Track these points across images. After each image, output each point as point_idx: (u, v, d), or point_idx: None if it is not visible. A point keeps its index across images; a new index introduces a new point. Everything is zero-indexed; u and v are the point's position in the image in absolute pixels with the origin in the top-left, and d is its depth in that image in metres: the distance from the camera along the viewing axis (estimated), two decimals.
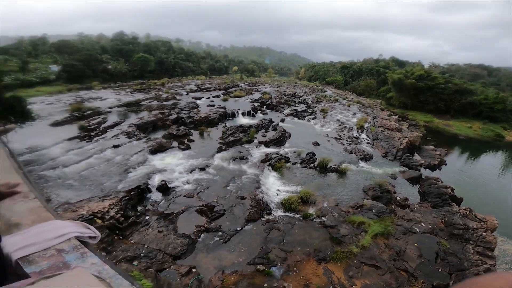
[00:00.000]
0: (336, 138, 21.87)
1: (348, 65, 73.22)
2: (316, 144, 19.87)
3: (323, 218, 10.51)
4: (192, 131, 19.70)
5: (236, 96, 34.53)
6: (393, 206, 12.16)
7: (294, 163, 15.74)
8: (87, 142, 16.38)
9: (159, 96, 32.41)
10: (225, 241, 8.96)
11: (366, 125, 26.32)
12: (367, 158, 18.11)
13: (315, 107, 33.12)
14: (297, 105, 33.81)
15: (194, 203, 10.90)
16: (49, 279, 0.80)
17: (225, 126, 21.75)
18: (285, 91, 43.82)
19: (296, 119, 27.46)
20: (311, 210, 11.05)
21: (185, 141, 17.72)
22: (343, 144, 20.55)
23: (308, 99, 38.41)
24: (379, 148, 20.65)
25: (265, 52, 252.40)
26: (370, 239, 9.29)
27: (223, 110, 25.38)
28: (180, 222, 9.73)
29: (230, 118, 24.83)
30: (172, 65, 65.22)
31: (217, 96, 34.58)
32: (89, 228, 1.19)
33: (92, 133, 17.78)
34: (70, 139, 16.44)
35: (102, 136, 17.61)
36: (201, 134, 19.47)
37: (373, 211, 11.25)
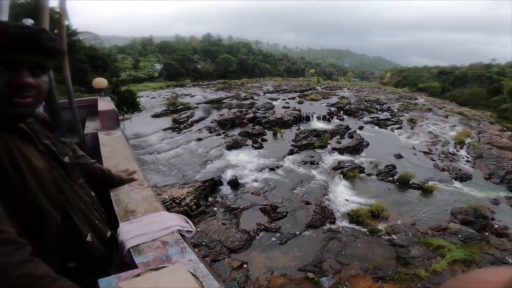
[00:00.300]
0: (425, 152, 19.08)
1: (448, 70, 62.55)
2: (399, 156, 17.77)
3: (393, 235, 9.64)
4: (266, 131, 20.19)
5: (312, 99, 33.74)
6: (486, 234, 10.40)
7: (369, 174, 14.59)
8: (177, 133, 18.74)
9: (239, 95, 34.42)
10: (282, 243, 8.94)
11: (467, 140, 22.05)
12: (463, 178, 15.29)
13: (402, 115, 29.55)
14: (379, 112, 30.81)
15: (259, 201, 11.18)
16: (153, 272, 0.81)
17: (299, 129, 21.55)
18: (366, 96, 40.54)
19: (377, 127, 25.06)
20: (381, 226, 10.25)
21: (259, 140, 18.31)
22: (434, 160, 17.79)
23: (394, 106, 34.54)
24: (481, 168, 17.12)
25: (345, 55, 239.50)
26: (445, 264, 8.09)
27: (297, 112, 25.16)
28: (243, 218, 10.12)
29: (305, 121, 24.44)
30: (251, 66, 68.48)
31: (293, 98, 34.47)
32: (188, 222, 1.18)
33: (182, 126, 20.20)
34: (165, 129, 19.14)
35: (189, 129, 19.81)
36: (275, 135, 19.79)
37: (459, 236, 9.83)
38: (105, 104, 3.80)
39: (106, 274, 0.90)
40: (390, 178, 14.25)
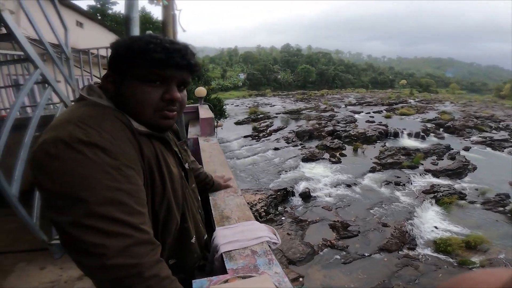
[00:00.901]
0: None
1: None
2: None
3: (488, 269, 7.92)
4: (345, 145, 19.13)
5: (402, 114, 30.19)
6: None
7: (472, 202, 12.85)
8: (256, 141, 19.70)
9: (318, 106, 33.81)
10: (346, 263, 8.50)
11: None
12: None
13: None
14: (493, 131, 25.21)
15: (330, 216, 10.84)
16: (241, 280, 0.81)
17: (384, 145, 19.53)
18: (475, 112, 33.80)
19: (489, 149, 20.72)
20: (476, 258, 9.19)
21: (337, 154, 17.43)
22: None
23: None
24: None
25: (446, 64, 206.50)
26: None
27: (384, 127, 22.88)
28: (309, 231, 9.94)
29: (392, 137, 22.02)
30: (332, 77, 66.46)
31: (379, 112, 31.64)
32: (275, 234, 1.16)
33: (261, 134, 21.15)
34: (245, 136, 20.44)
35: (267, 138, 20.53)
36: (355, 150, 18.50)
37: None
38: (205, 112, 4.11)
39: (192, 273, 0.95)
40: (500, 208, 12.41)
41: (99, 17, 18.71)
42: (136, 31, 1.65)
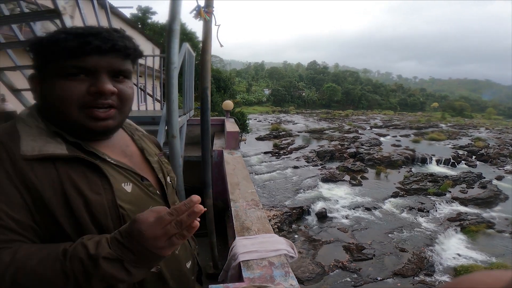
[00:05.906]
0: None
1: None
2: None
3: None
4: (368, 168, 18.62)
5: (431, 139, 28.90)
6: None
7: (500, 231, 12.12)
8: (276, 158, 19.79)
9: (342, 127, 33.36)
10: (356, 285, 8.20)
11: None
12: None
13: None
14: None
15: (345, 238, 10.61)
16: None
17: (410, 171, 18.80)
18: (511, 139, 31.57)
19: None
20: None
21: (358, 177, 17.03)
22: None
23: None
24: None
25: (483, 86, 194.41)
26: None
27: (410, 152, 22.03)
28: (322, 251, 9.73)
29: (419, 163, 21.11)
30: (358, 97, 65.17)
31: (406, 135, 30.49)
32: (293, 248, 1.21)
33: (281, 152, 21.20)
34: (265, 152, 20.61)
35: (288, 156, 20.53)
36: (378, 174, 17.97)
37: None
38: (231, 125, 4.31)
39: None
40: None
41: (139, 26, 19.27)
42: (176, 42, 1.69)
